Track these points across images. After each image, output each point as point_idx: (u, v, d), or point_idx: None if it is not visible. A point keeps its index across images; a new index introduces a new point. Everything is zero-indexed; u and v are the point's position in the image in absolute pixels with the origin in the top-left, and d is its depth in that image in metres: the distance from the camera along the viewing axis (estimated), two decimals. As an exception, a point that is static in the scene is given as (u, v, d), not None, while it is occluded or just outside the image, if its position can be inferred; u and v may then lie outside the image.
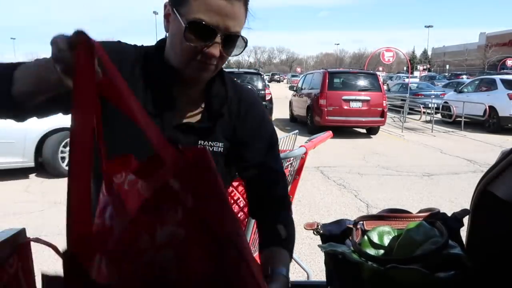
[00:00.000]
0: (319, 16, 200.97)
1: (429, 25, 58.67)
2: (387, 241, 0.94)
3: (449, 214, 0.98)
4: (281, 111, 13.31)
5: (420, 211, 1.00)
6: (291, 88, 14.51)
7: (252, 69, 12.75)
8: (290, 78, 47.67)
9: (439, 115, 13.21)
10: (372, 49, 69.45)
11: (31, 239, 0.70)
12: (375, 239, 0.94)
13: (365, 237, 0.95)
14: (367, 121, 9.87)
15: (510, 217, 0.85)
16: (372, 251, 0.92)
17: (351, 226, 0.99)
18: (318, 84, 10.13)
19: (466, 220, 1.00)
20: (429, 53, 75.32)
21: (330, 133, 2.18)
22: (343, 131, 9.90)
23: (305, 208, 4.43)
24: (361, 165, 6.68)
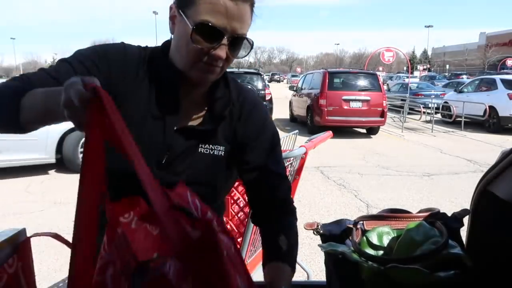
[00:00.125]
0: (319, 16, 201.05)
1: (429, 25, 58.71)
2: (386, 241, 0.94)
3: (449, 214, 0.98)
4: (281, 111, 13.31)
5: (420, 211, 1.00)
6: (291, 88, 14.52)
7: (252, 69, 12.75)
8: (290, 78, 47.65)
9: (439, 115, 13.21)
10: (372, 49, 69.52)
11: (31, 236, 0.70)
12: (374, 240, 0.94)
13: (365, 237, 0.95)
14: (367, 121, 9.87)
15: (510, 217, 0.85)
16: (372, 251, 0.92)
17: (351, 226, 0.99)
18: (318, 84, 10.13)
19: (466, 220, 1.00)
20: (429, 53, 75.29)
21: (330, 133, 2.18)
22: (343, 131, 9.90)
23: (305, 208, 4.43)
24: (361, 165, 6.68)
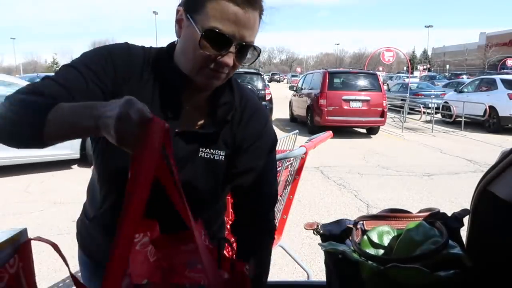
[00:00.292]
0: (319, 16, 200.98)
1: (429, 25, 58.72)
2: (386, 241, 0.95)
3: (449, 214, 0.98)
4: (281, 111, 13.31)
5: (420, 211, 1.00)
6: (291, 88, 14.50)
7: (252, 69, 12.73)
8: (290, 78, 47.59)
9: (439, 115, 13.21)
10: (372, 49, 69.45)
11: (32, 238, 0.70)
12: (375, 239, 0.94)
13: (365, 237, 0.95)
14: (367, 121, 9.87)
15: (510, 217, 0.85)
16: (372, 250, 0.92)
17: (351, 226, 0.99)
18: (318, 84, 10.13)
19: (466, 220, 1.00)
20: (429, 53, 75.25)
21: (330, 133, 2.18)
22: (343, 131, 9.90)
23: (305, 208, 4.43)
24: (361, 165, 6.68)
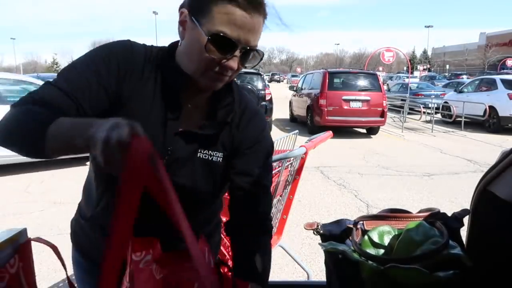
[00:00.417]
0: (319, 16, 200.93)
1: (429, 25, 58.72)
2: (387, 241, 0.95)
3: (449, 214, 0.98)
4: (281, 111, 13.30)
5: (420, 211, 1.00)
6: (291, 88, 14.49)
7: (252, 69, 12.73)
8: (290, 78, 47.55)
9: (439, 115, 13.21)
10: (372, 49, 69.42)
11: (32, 239, 0.71)
12: (376, 239, 0.94)
13: (366, 237, 0.95)
14: (367, 121, 9.87)
15: (510, 217, 0.85)
16: (372, 250, 0.92)
17: (351, 226, 0.99)
18: (318, 84, 10.13)
19: (466, 220, 1.00)
20: (429, 53, 75.22)
21: (330, 133, 2.19)
22: (343, 131, 9.90)
23: (305, 208, 4.43)
24: (361, 165, 6.68)
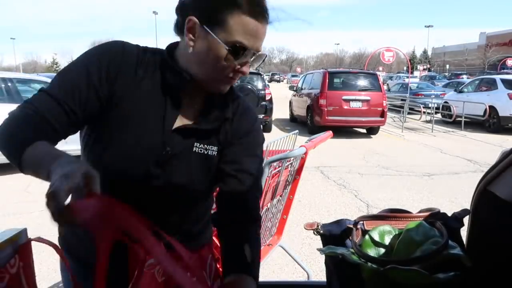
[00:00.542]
0: (319, 16, 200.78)
1: (429, 25, 58.73)
2: (388, 240, 0.95)
3: (449, 214, 0.98)
4: (281, 111, 13.30)
5: (420, 211, 1.00)
6: (291, 88, 14.49)
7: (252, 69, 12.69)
8: (290, 78, 47.49)
9: (439, 115, 13.20)
10: (372, 49, 69.28)
11: (32, 239, 0.71)
12: (377, 238, 0.94)
13: (367, 236, 0.95)
14: (367, 121, 9.87)
15: (510, 217, 0.85)
16: (372, 251, 0.92)
17: (351, 226, 0.99)
18: (318, 84, 10.13)
19: (466, 220, 1.00)
20: (429, 53, 75.16)
21: (330, 133, 2.18)
22: (343, 131, 9.89)
23: (305, 208, 4.43)
24: (361, 165, 6.68)
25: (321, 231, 1.01)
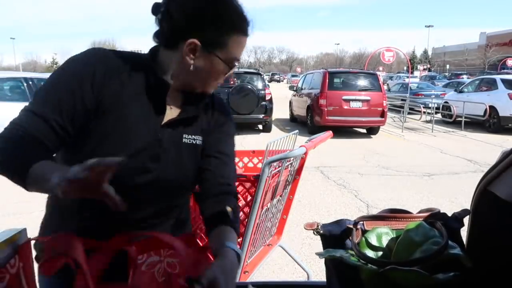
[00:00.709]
0: (319, 15, 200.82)
1: (429, 25, 58.72)
2: (385, 242, 0.94)
3: (449, 214, 0.98)
4: (281, 111, 13.30)
5: (420, 211, 1.00)
6: (291, 88, 14.48)
7: (252, 69, 12.71)
8: (290, 78, 47.51)
9: (439, 115, 13.20)
10: (372, 49, 69.29)
11: (32, 239, 0.71)
12: (373, 241, 0.94)
13: (363, 239, 0.94)
14: (367, 121, 9.87)
15: (510, 217, 0.85)
16: (370, 252, 0.92)
17: (351, 226, 0.99)
18: (318, 84, 10.13)
19: (466, 220, 1.00)
20: (429, 53, 75.16)
21: (330, 133, 2.18)
22: (343, 131, 9.89)
23: (305, 208, 4.43)
24: (361, 165, 6.68)
25: (321, 231, 1.01)
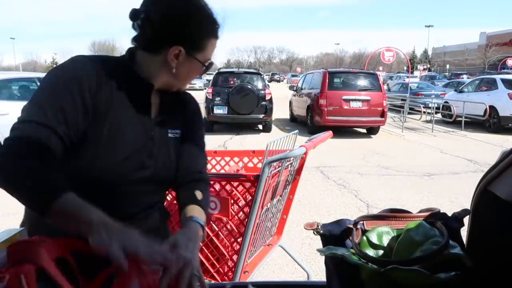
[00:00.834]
0: (319, 15, 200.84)
1: (429, 25, 58.75)
2: (386, 241, 0.94)
3: (449, 214, 0.98)
4: (281, 111, 13.30)
5: (420, 211, 1.00)
6: (291, 88, 14.48)
7: (252, 69, 12.72)
8: (290, 78, 47.49)
9: (439, 115, 13.20)
10: (372, 49, 69.19)
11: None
12: (374, 240, 0.94)
13: (364, 238, 0.94)
14: (367, 121, 9.87)
15: (510, 217, 0.85)
16: (371, 251, 0.92)
17: (351, 226, 0.99)
18: (318, 84, 10.13)
19: (466, 220, 1.00)
20: (429, 52, 75.16)
21: (330, 133, 2.18)
22: (343, 131, 9.90)
23: (305, 208, 4.43)
24: (361, 165, 6.68)
25: (321, 231, 1.01)
